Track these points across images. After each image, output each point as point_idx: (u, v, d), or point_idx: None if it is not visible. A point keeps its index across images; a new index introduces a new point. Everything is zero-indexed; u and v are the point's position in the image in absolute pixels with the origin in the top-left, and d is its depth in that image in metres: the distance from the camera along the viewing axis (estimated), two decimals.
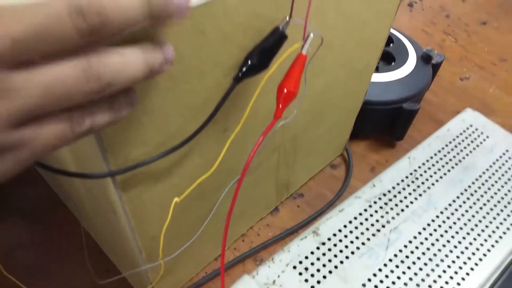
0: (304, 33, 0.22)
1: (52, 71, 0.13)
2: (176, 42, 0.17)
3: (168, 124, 0.21)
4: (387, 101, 0.43)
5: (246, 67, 0.22)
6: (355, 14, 0.28)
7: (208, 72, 0.21)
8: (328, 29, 0.27)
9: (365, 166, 0.46)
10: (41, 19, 0.12)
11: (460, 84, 0.56)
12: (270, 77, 0.22)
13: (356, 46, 0.31)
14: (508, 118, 0.52)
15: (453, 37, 0.63)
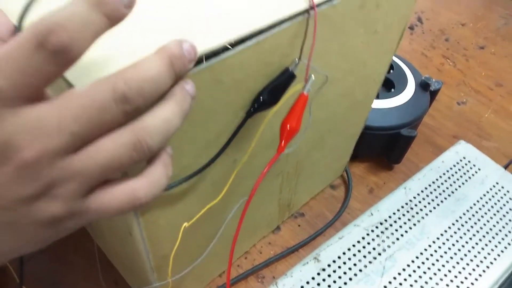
0: (306, 75, 0.24)
1: (106, 152, 0.15)
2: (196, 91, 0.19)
3: (182, 158, 0.23)
4: (386, 127, 0.46)
5: (258, 103, 0.24)
6: (356, 55, 0.30)
7: (221, 111, 0.23)
8: (331, 68, 0.29)
9: (364, 187, 0.48)
10: (92, 112, 0.14)
11: (457, 108, 0.58)
12: (275, 112, 0.24)
13: (357, 80, 0.33)
14: (503, 143, 0.54)
15: (451, 61, 0.66)
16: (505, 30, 0.73)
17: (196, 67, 0.19)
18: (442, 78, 0.62)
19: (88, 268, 0.38)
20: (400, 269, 0.30)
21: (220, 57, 0.20)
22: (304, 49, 0.24)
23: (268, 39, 0.21)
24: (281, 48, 0.23)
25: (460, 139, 0.54)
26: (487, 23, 0.74)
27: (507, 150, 0.53)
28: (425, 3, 0.76)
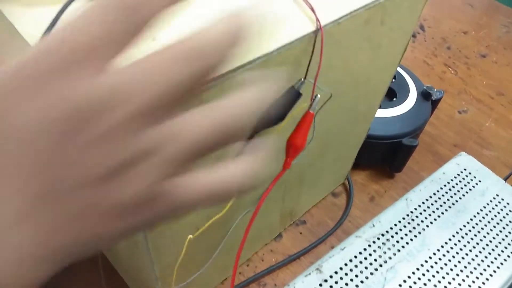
0: (312, 95, 0.25)
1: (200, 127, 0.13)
2: None
3: None
4: (388, 136, 0.46)
5: (264, 120, 0.25)
6: (360, 69, 0.31)
7: None
8: (336, 83, 0.29)
9: (365, 195, 0.48)
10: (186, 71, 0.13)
11: (458, 117, 0.59)
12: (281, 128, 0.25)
13: (360, 93, 0.34)
14: (503, 152, 0.55)
15: (453, 69, 0.66)
16: (506, 39, 0.73)
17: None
18: (444, 86, 0.63)
19: (91, 274, 0.39)
20: (401, 280, 0.31)
21: (228, 76, 0.20)
22: (310, 68, 0.24)
23: (275, 58, 0.22)
24: (287, 67, 0.23)
25: (461, 148, 0.55)
26: (489, 31, 0.75)
27: (508, 159, 0.54)
28: (427, 11, 0.77)
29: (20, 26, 0.21)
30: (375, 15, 0.26)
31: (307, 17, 0.24)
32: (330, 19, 0.24)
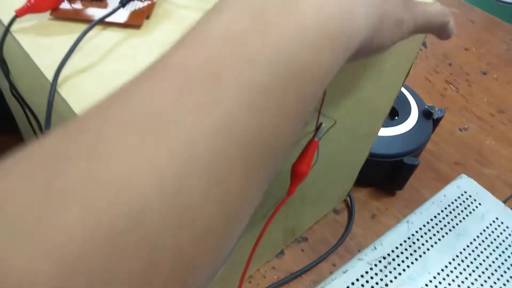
0: (317, 122, 0.26)
1: None
2: None
3: None
4: (389, 155, 0.47)
5: None
6: (363, 94, 0.32)
7: None
8: (338, 109, 0.30)
9: (366, 213, 0.49)
10: None
11: (459, 134, 0.59)
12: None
13: (363, 116, 0.35)
14: (503, 171, 0.55)
15: (454, 86, 0.67)
16: (508, 56, 0.74)
17: None
18: (445, 103, 0.64)
19: None
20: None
21: None
22: None
23: None
24: None
25: (462, 166, 0.55)
26: (490, 48, 0.76)
27: (508, 178, 0.54)
28: None
29: (36, 56, 0.22)
30: None
31: None
32: None
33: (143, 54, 0.23)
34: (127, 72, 0.21)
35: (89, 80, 0.21)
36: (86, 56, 0.22)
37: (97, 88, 0.20)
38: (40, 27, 0.24)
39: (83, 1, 0.25)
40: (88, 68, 0.21)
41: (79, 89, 0.20)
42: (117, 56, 0.22)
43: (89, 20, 0.24)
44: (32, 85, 0.25)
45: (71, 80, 0.21)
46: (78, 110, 0.19)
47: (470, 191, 0.38)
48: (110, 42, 0.23)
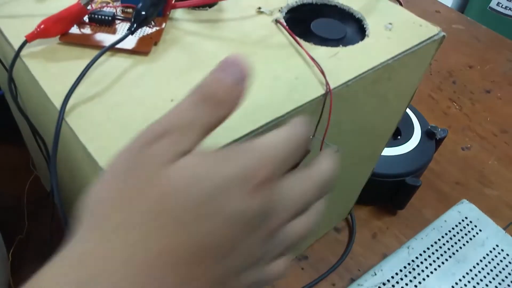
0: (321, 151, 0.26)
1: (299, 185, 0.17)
2: None
3: None
4: (391, 175, 0.47)
5: None
6: (366, 120, 0.32)
7: None
8: (342, 134, 0.30)
9: (367, 232, 0.49)
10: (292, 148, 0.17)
11: (461, 154, 0.59)
12: None
13: (366, 140, 0.35)
14: (505, 192, 0.55)
15: (458, 104, 0.67)
16: (511, 75, 0.74)
17: None
18: (448, 122, 0.64)
19: None
20: None
21: (244, 139, 0.21)
22: (319, 126, 0.25)
23: (287, 120, 0.23)
24: None
25: (463, 186, 0.55)
26: (495, 66, 0.76)
27: (509, 199, 0.54)
28: None
29: (44, 83, 0.22)
30: (383, 74, 0.27)
31: (318, 80, 0.25)
32: (340, 81, 0.25)
33: (149, 83, 0.23)
34: (134, 102, 0.22)
35: (96, 110, 0.21)
36: (93, 84, 0.22)
37: (104, 118, 0.21)
38: (50, 52, 0.24)
39: (92, 26, 0.25)
40: (95, 97, 0.22)
41: (87, 118, 0.21)
42: (124, 84, 0.23)
43: (98, 46, 0.24)
44: (39, 107, 0.25)
45: (78, 108, 0.21)
46: (85, 140, 0.20)
47: (471, 217, 0.38)
48: (117, 69, 0.23)
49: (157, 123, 0.15)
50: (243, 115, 0.22)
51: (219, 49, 0.26)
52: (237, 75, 0.16)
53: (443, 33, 0.30)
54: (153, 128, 0.15)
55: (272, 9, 0.29)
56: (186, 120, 0.16)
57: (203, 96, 0.16)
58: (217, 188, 0.14)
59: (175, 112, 0.16)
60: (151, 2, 0.25)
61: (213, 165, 0.15)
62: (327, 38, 0.28)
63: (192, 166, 0.15)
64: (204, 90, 0.16)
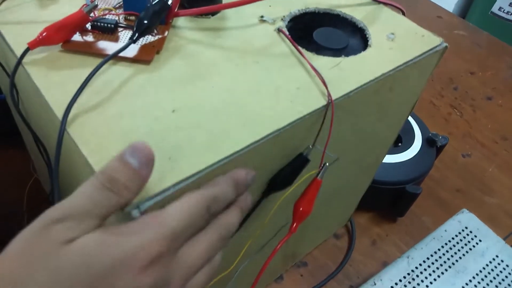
0: (321, 163, 0.26)
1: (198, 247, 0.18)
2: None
3: None
4: (391, 182, 0.47)
5: (274, 184, 0.26)
6: (368, 129, 0.32)
7: None
8: (342, 145, 0.30)
9: (367, 239, 0.49)
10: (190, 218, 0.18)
11: (462, 161, 0.59)
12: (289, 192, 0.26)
13: (367, 149, 0.35)
14: (505, 200, 0.55)
15: (459, 111, 0.67)
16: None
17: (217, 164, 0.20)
18: (449, 128, 0.64)
19: None
20: None
21: (242, 151, 0.21)
22: (320, 136, 0.25)
23: (288, 130, 0.23)
24: (299, 136, 0.24)
25: (463, 193, 0.55)
26: (496, 72, 0.76)
27: (509, 207, 0.54)
28: None
29: (46, 92, 0.22)
30: (385, 84, 0.27)
31: (319, 90, 0.25)
32: (341, 92, 0.25)
33: (151, 92, 0.23)
34: (135, 112, 0.22)
35: (98, 120, 0.21)
36: (95, 93, 0.22)
37: (105, 129, 0.21)
38: (52, 59, 0.24)
39: (94, 34, 0.25)
40: (97, 107, 0.22)
41: (88, 129, 0.20)
42: (126, 94, 0.23)
43: (100, 54, 0.24)
44: (41, 115, 0.25)
45: (80, 119, 0.21)
46: (87, 152, 0.20)
47: (471, 227, 0.38)
48: (119, 78, 0.23)
49: (58, 209, 0.16)
50: (244, 127, 0.22)
51: (221, 58, 0.26)
52: (142, 160, 0.17)
53: (445, 44, 0.30)
54: (53, 213, 0.16)
55: (274, 17, 0.29)
56: (84, 208, 0.16)
57: (107, 181, 0.17)
58: (108, 269, 0.15)
59: (76, 198, 0.17)
60: (154, 11, 0.25)
61: (106, 245, 0.16)
62: (329, 47, 0.28)
63: (84, 248, 0.16)
64: (108, 174, 0.17)
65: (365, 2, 0.32)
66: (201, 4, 0.28)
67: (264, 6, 0.30)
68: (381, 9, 0.32)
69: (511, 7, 1.59)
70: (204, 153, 0.20)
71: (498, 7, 1.61)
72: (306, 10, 0.30)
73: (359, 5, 0.32)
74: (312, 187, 0.25)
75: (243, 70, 0.25)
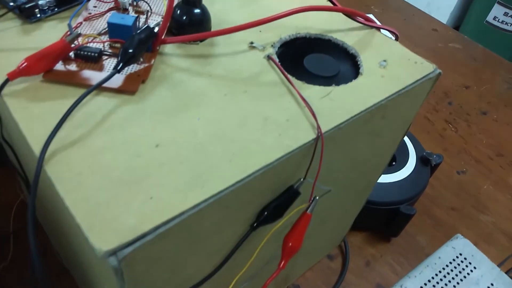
0: (311, 196, 0.25)
1: None
2: (203, 219, 0.20)
3: (185, 270, 0.24)
4: (385, 202, 0.46)
5: (263, 218, 0.25)
6: (360, 156, 0.31)
7: (226, 228, 0.23)
8: (334, 174, 0.29)
9: (361, 259, 0.48)
10: None
11: (456, 178, 0.59)
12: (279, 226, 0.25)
13: (359, 175, 0.34)
14: (500, 218, 0.54)
15: (454, 126, 0.67)
16: (508, 96, 0.74)
17: (202, 204, 0.19)
18: (444, 144, 0.63)
19: None
20: None
21: (228, 190, 0.20)
22: (311, 168, 0.25)
23: (276, 166, 0.22)
24: (288, 170, 0.24)
25: (458, 211, 0.54)
26: (491, 86, 0.76)
27: (504, 225, 0.54)
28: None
29: (25, 125, 0.21)
30: (377, 113, 0.27)
31: (309, 122, 0.24)
32: (331, 124, 0.24)
33: (135, 126, 0.22)
34: (117, 148, 0.21)
35: (77, 157, 0.20)
36: (76, 127, 0.22)
37: (85, 167, 0.20)
38: (32, 90, 0.23)
39: (78, 62, 0.25)
40: (77, 142, 0.21)
41: (67, 166, 0.20)
42: (108, 127, 0.22)
43: (83, 84, 0.24)
44: (22, 145, 0.24)
45: (59, 155, 0.20)
46: (64, 192, 0.19)
47: (465, 253, 0.38)
48: (102, 110, 0.23)
49: None
50: (231, 162, 0.21)
51: (209, 88, 0.25)
52: None
53: (438, 70, 0.29)
54: None
55: (264, 44, 0.29)
56: None
57: None
58: None
59: None
60: (139, 39, 0.24)
61: None
62: (320, 75, 0.28)
63: None
64: None
65: (358, 27, 0.31)
66: (189, 31, 0.27)
67: (254, 31, 0.29)
68: (373, 33, 0.31)
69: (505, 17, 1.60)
70: (187, 192, 0.19)
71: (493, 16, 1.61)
72: (297, 35, 0.30)
73: (351, 29, 0.31)
74: (301, 221, 0.25)
75: (231, 101, 0.25)
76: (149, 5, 0.29)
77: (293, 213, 0.25)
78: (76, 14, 0.28)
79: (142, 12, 0.29)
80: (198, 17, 0.28)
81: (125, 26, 0.25)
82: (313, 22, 0.31)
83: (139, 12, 0.29)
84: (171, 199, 0.19)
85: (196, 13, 0.28)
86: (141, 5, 0.30)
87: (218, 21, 0.30)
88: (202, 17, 0.28)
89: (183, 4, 0.27)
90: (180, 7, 0.28)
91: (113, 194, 0.19)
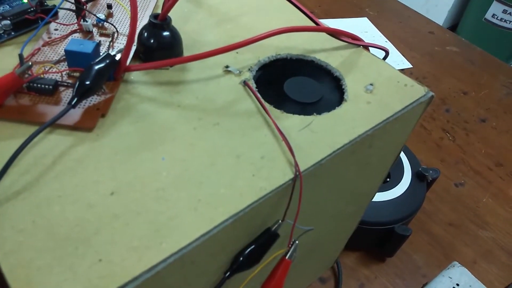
0: (290, 239, 0.23)
1: None
2: (164, 279, 0.18)
3: None
4: (379, 222, 0.44)
5: (237, 264, 0.23)
6: (347, 185, 0.29)
7: (194, 282, 0.21)
8: (318, 207, 0.27)
9: (354, 282, 0.46)
10: None
11: (454, 191, 0.56)
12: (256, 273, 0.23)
13: (347, 203, 0.32)
14: (500, 233, 0.52)
15: (451, 135, 0.64)
16: (506, 102, 0.72)
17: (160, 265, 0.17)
18: (441, 155, 0.61)
19: None
20: None
21: (192, 245, 0.18)
22: (290, 208, 0.22)
23: (248, 212, 0.20)
24: (263, 213, 0.21)
25: (456, 227, 0.52)
26: (490, 92, 0.73)
27: (504, 241, 0.52)
28: (427, 68, 0.75)
29: None
30: (363, 144, 0.24)
31: (286, 159, 0.22)
32: (311, 161, 0.22)
33: (89, 169, 0.20)
34: (67, 197, 0.19)
35: (20, 210, 0.18)
36: (23, 173, 0.19)
37: (28, 222, 0.18)
38: None
39: (31, 96, 0.22)
40: (22, 191, 0.19)
41: (8, 223, 0.17)
42: (59, 172, 0.19)
43: (36, 121, 0.21)
44: None
45: (0, 209, 0.18)
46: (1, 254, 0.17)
47: (463, 283, 0.35)
48: (54, 151, 0.20)
49: None
50: (196, 211, 0.19)
51: (177, 120, 0.23)
52: None
53: (431, 93, 0.27)
54: None
55: (241, 67, 0.26)
56: None
57: None
58: None
59: None
60: (98, 70, 0.22)
61: None
62: (300, 101, 0.25)
63: None
64: None
65: (343, 45, 0.29)
66: (158, 55, 0.25)
67: (231, 53, 0.27)
68: (360, 53, 0.29)
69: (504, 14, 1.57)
70: (143, 251, 0.17)
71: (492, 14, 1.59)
72: (277, 57, 0.28)
73: (336, 49, 0.29)
74: (280, 268, 0.22)
75: (201, 136, 0.22)
76: (115, 27, 0.27)
77: (273, 257, 0.23)
78: (35, 38, 0.26)
79: (108, 35, 0.27)
80: (167, 40, 0.25)
81: (84, 53, 0.23)
82: (295, 42, 0.29)
83: (104, 35, 0.27)
84: (123, 260, 0.17)
85: (164, 35, 0.25)
86: (107, 27, 0.27)
87: (191, 41, 0.28)
88: (171, 40, 0.26)
89: (150, 26, 0.25)
90: (147, 30, 0.25)
91: (57, 256, 0.17)
